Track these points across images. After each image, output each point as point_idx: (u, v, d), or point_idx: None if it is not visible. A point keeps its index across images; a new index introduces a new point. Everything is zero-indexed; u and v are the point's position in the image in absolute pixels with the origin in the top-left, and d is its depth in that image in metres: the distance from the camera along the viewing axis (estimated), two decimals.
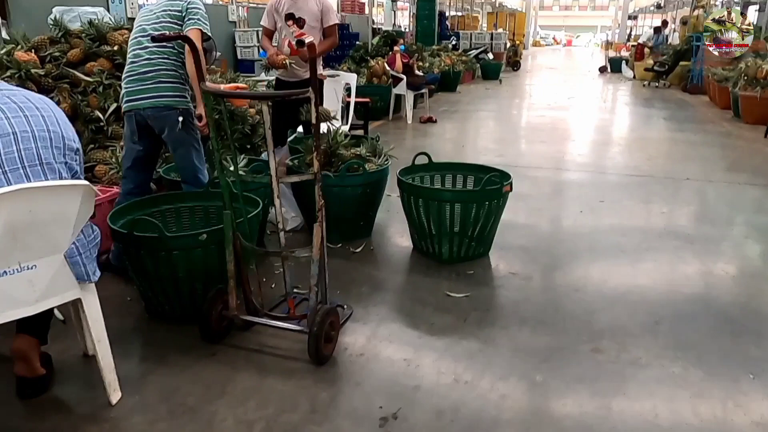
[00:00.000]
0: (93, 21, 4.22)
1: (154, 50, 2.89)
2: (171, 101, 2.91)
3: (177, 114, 2.93)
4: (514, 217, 4.14)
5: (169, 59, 2.92)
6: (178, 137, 2.95)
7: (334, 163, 3.53)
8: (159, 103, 2.87)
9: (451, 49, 15.07)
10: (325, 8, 4.20)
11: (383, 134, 7.44)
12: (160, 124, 2.91)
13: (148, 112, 2.86)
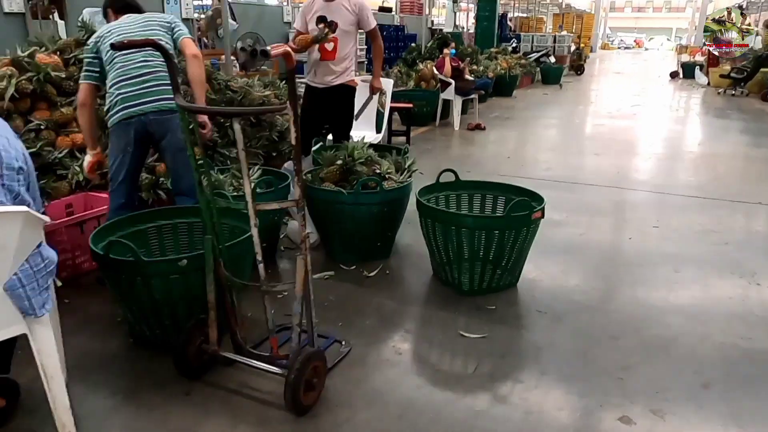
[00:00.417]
0: None
1: (147, 53, 2.75)
2: (174, 104, 2.74)
3: (179, 118, 2.76)
4: (552, 240, 3.74)
5: (163, 63, 2.76)
6: (179, 143, 2.78)
7: (351, 179, 3.26)
8: (164, 106, 2.72)
9: (510, 51, 14.53)
10: (361, 12, 3.95)
11: (426, 141, 7.14)
12: (162, 129, 2.75)
13: (151, 117, 2.70)
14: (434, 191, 3.30)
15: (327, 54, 4.09)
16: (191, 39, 2.89)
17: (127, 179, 2.83)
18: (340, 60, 4.09)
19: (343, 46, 4.04)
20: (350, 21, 3.98)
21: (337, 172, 3.26)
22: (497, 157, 6.47)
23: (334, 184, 3.25)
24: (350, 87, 4.21)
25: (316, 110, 4.25)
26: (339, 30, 4.00)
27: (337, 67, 4.12)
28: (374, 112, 5.19)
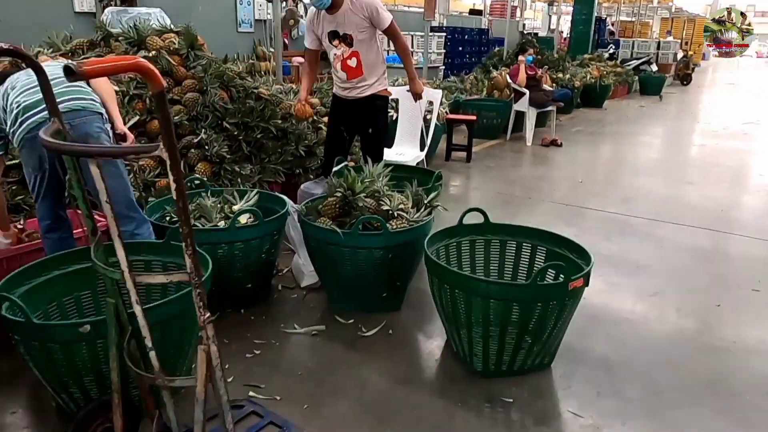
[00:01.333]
0: (136, 23, 3.80)
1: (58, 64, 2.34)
2: (88, 103, 2.36)
3: (100, 120, 2.37)
4: (609, 302, 2.97)
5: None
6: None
7: (353, 214, 2.68)
8: (75, 106, 2.31)
9: (606, 58, 13.30)
10: (370, 11, 3.36)
11: (491, 158, 6.40)
12: (80, 135, 2.29)
13: (67, 118, 2.25)
14: (455, 235, 2.65)
15: (353, 72, 3.54)
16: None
17: (50, 199, 2.42)
18: (369, 72, 3.53)
19: (367, 56, 3.47)
20: (363, 26, 3.40)
21: (336, 205, 2.69)
22: (568, 180, 5.62)
23: (333, 220, 2.68)
24: (383, 97, 3.63)
25: (342, 124, 3.71)
26: (356, 42, 3.44)
27: (368, 80, 3.56)
28: (418, 126, 4.57)
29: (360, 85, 3.59)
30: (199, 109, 3.56)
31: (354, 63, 3.49)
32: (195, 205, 2.86)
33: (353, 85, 3.59)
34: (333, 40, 3.50)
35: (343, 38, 3.43)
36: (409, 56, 3.64)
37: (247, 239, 2.64)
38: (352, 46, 3.45)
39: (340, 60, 3.54)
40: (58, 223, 2.46)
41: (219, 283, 2.68)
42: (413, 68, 3.63)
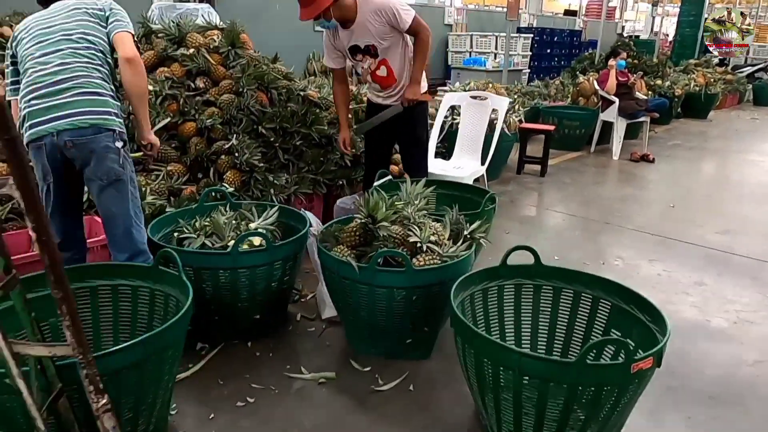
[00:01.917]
0: (179, 19, 3.59)
1: (69, 52, 2.05)
2: (100, 119, 2.04)
3: (110, 138, 2.06)
4: (693, 371, 2.36)
5: (93, 64, 2.08)
6: (110, 172, 2.07)
7: (374, 245, 2.26)
8: (82, 123, 2.01)
9: (714, 64, 11.99)
10: (390, 16, 2.94)
11: (570, 172, 5.75)
12: (83, 154, 2.03)
13: (66, 137, 1.99)
14: (498, 278, 2.17)
15: (386, 81, 3.17)
16: (128, 34, 2.15)
17: (58, 214, 2.17)
18: (404, 79, 3.12)
19: (395, 61, 3.07)
20: (385, 33, 2.98)
21: (356, 233, 2.29)
22: (658, 203, 4.89)
23: (353, 249, 2.29)
24: (420, 103, 3.19)
25: (379, 132, 3.32)
26: (381, 50, 3.02)
27: (400, 86, 3.15)
28: (481, 136, 4.07)
29: (396, 92, 3.19)
30: (234, 112, 3.28)
31: (384, 72, 3.10)
32: (208, 221, 2.57)
33: (389, 94, 3.20)
34: (356, 54, 3.12)
35: (365, 51, 3.06)
36: (424, 55, 3.07)
37: (253, 266, 2.30)
38: (377, 56, 3.06)
39: (369, 73, 3.16)
40: (69, 243, 2.22)
41: (221, 313, 2.38)
42: (420, 72, 3.09)
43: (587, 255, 3.63)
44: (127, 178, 2.12)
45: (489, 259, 3.25)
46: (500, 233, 3.96)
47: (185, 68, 3.40)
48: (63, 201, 2.12)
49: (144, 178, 3.10)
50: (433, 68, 10.48)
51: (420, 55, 3.05)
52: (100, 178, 2.05)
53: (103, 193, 2.08)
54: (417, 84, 3.08)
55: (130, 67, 2.11)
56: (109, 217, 2.12)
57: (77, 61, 2.04)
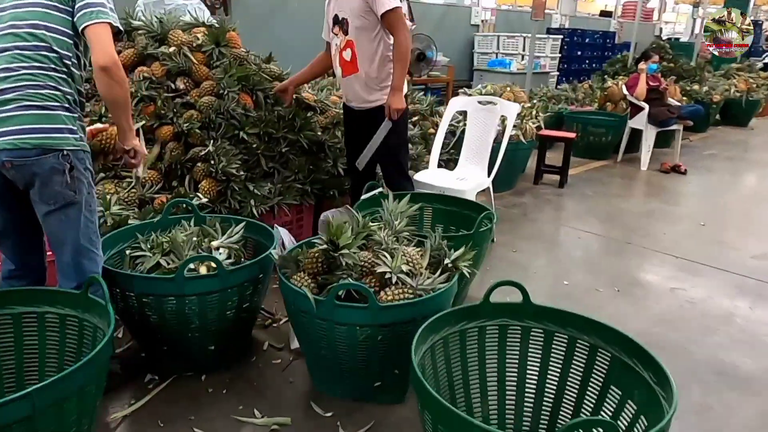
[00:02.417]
0: (162, 16, 3.36)
1: (15, 54, 1.75)
2: (46, 139, 1.76)
3: (57, 160, 1.78)
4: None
5: (43, 69, 1.78)
6: (57, 196, 1.80)
7: (336, 275, 1.97)
8: (23, 143, 1.73)
9: (759, 68, 11.30)
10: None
11: (592, 183, 5.34)
12: (25, 175, 1.77)
13: (3, 157, 1.73)
14: (478, 317, 1.85)
15: (347, 66, 2.88)
16: (104, 26, 1.76)
17: (7, 239, 1.93)
18: (367, 71, 2.82)
19: (362, 47, 2.77)
20: (359, 8, 2.71)
21: (319, 260, 1.99)
22: (687, 220, 4.46)
23: (314, 278, 2.00)
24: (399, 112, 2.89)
25: (357, 140, 3.05)
26: (350, 28, 2.74)
27: (369, 80, 2.86)
28: (488, 143, 3.73)
29: (362, 94, 2.89)
30: (213, 115, 3.03)
31: (349, 56, 2.83)
32: (167, 237, 2.31)
33: (351, 89, 2.91)
34: (334, 26, 2.87)
35: (340, 24, 2.80)
36: (405, 61, 2.79)
37: (202, 293, 2.03)
38: (347, 34, 2.78)
39: (338, 52, 2.91)
40: (24, 270, 1.97)
41: (170, 343, 2.12)
42: (402, 78, 2.80)
43: (602, 280, 3.26)
44: (81, 202, 1.84)
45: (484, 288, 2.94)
46: (506, 252, 3.62)
47: (165, 68, 3.16)
48: (12, 222, 1.87)
49: (114, 185, 2.88)
50: (458, 70, 10.12)
51: (400, 61, 2.77)
52: (46, 202, 1.79)
53: (49, 218, 1.81)
54: (399, 91, 2.79)
55: (105, 76, 1.77)
56: (56, 243, 1.86)
57: (23, 66, 1.73)
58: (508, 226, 4.07)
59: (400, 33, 2.71)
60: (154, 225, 2.50)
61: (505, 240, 3.80)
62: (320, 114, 3.67)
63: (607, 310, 2.91)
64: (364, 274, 1.96)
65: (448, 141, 4.54)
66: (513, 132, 4.58)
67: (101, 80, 1.80)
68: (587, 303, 2.96)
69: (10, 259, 1.97)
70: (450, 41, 10.40)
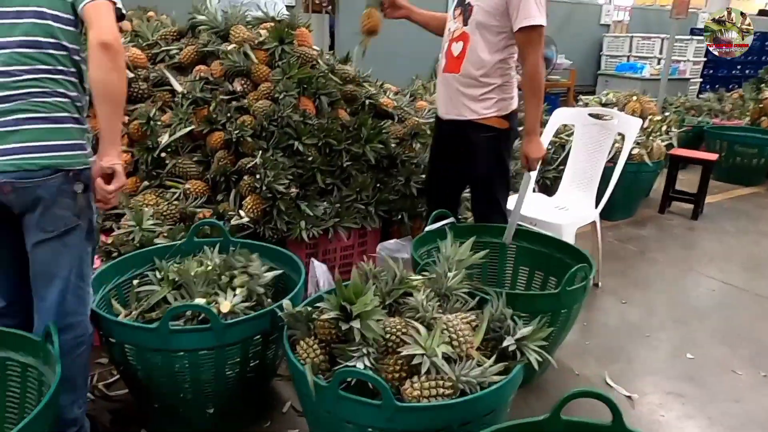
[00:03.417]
0: (227, 11, 3.05)
1: (13, 54, 1.44)
2: (56, 159, 1.46)
3: (66, 181, 1.49)
4: None
5: (50, 71, 1.47)
6: (58, 222, 1.50)
7: (348, 352, 1.46)
8: (29, 164, 1.43)
9: None
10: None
11: (734, 215, 4.37)
12: (26, 200, 1.47)
13: (3, 179, 1.43)
14: None
15: (451, 62, 2.34)
16: (107, 3, 1.46)
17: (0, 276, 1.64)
18: (470, 75, 2.25)
19: (477, 52, 2.19)
20: (495, 7, 2.14)
21: (333, 325, 1.50)
22: None
23: (325, 348, 1.51)
24: (490, 129, 2.29)
25: (442, 159, 2.52)
26: (473, 20, 2.19)
27: (468, 88, 2.28)
28: (598, 166, 3.01)
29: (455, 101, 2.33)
30: (266, 122, 2.66)
31: (458, 51, 2.28)
32: (178, 268, 1.95)
33: (443, 91, 2.37)
34: (457, 8, 2.33)
35: (465, 7, 2.24)
36: (537, 94, 2.20)
37: (193, 349, 1.63)
38: (466, 24, 2.23)
39: (448, 40, 2.36)
40: (16, 307, 1.67)
41: (161, 402, 1.74)
42: (537, 117, 2.23)
43: (741, 356, 2.47)
44: (81, 230, 1.54)
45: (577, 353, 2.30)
46: (612, 302, 2.91)
47: (225, 67, 2.85)
48: (1, 254, 1.59)
49: (155, 196, 2.60)
50: (581, 74, 9.17)
51: (534, 96, 2.19)
52: (43, 229, 1.48)
53: (42, 247, 1.50)
54: (534, 135, 2.25)
55: (105, 54, 1.43)
56: (42, 278, 1.54)
57: (26, 69, 1.44)
58: (620, 266, 3.33)
59: (532, 57, 2.14)
60: (177, 249, 2.16)
61: (612, 285, 3.07)
62: (398, 123, 3.19)
63: (748, 405, 2.15)
64: (389, 350, 1.44)
65: (555, 155, 3.87)
66: (635, 151, 3.80)
67: (98, 60, 1.43)
68: (718, 390, 2.21)
69: (1, 294, 1.68)
70: (574, 42, 9.48)
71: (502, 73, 2.24)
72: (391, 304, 1.59)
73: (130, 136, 2.75)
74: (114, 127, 1.55)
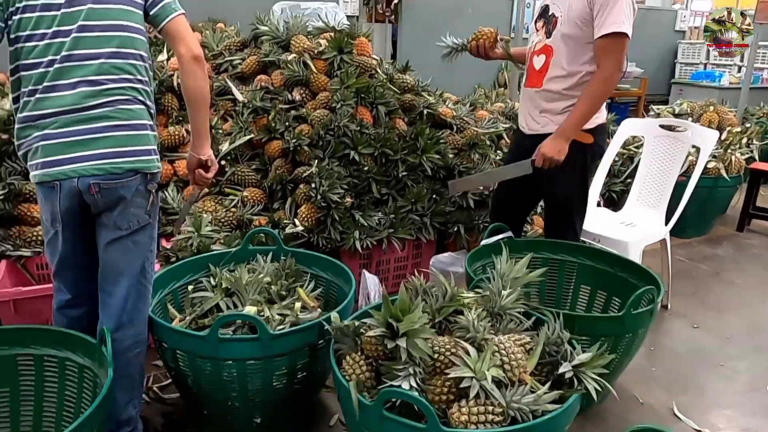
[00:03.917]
0: (289, 21, 3.10)
1: (105, 64, 1.51)
2: (138, 163, 1.56)
3: (146, 181, 1.59)
4: None
5: (132, 81, 1.56)
6: (133, 220, 1.59)
7: (393, 370, 1.41)
8: (115, 167, 1.52)
9: None
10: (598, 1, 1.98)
11: None
12: (110, 200, 1.55)
13: (91, 181, 1.50)
14: None
15: (533, 76, 2.23)
16: (184, 18, 1.60)
17: (69, 266, 1.69)
18: (553, 89, 2.15)
19: (562, 63, 2.10)
20: (581, 15, 2.02)
21: (380, 342, 1.46)
22: None
23: (372, 365, 1.47)
24: (572, 142, 2.17)
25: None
26: (557, 32, 2.09)
27: (550, 102, 2.17)
28: (670, 181, 2.83)
29: (536, 115, 2.23)
30: (322, 132, 2.66)
31: (540, 64, 2.18)
32: (231, 275, 1.97)
33: (525, 104, 2.27)
34: (539, 20, 2.23)
35: (548, 19, 2.15)
36: (594, 101, 2.06)
37: (240, 359, 1.63)
38: (550, 37, 2.13)
39: (530, 53, 2.26)
40: (80, 298, 1.74)
41: (210, 409, 1.76)
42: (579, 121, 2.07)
43: None
44: (151, 229, 1.65)
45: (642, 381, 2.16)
46: (682, 327, 2.73)
47: (285, 77, 2.88)
48: (75, 250, 1.65)
49: (215, 203, 2.66)
50: (653, 83, 8.78)
51: (590, 99, 2.05)
52: (120, 226, 1.57)
53: (115, 245, 1.59)
54: (563, 139, 2.08)
55: (197, 66, 1.59)
56: (111, 275, 1.62)
57: (113, 78, 1.51)
58: (691, 287, 3.12)
59: (609, 64, 2.00)
60: (233, 256, 2.18)
61: (683, 307, 2.88)
62: (457, 133, 3.13)
63: None
64: (436, 371, 1.39)
65: (623, 168, 3.70)
66: (711, 164, 3.57)
67: (192, 72, 1.59)
68: None
69: (67, 288, 1.75)
70: (646, 49, 9.06)
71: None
72: (440, 322, 1.54)
73: None
74: (205, 126, 1.73)
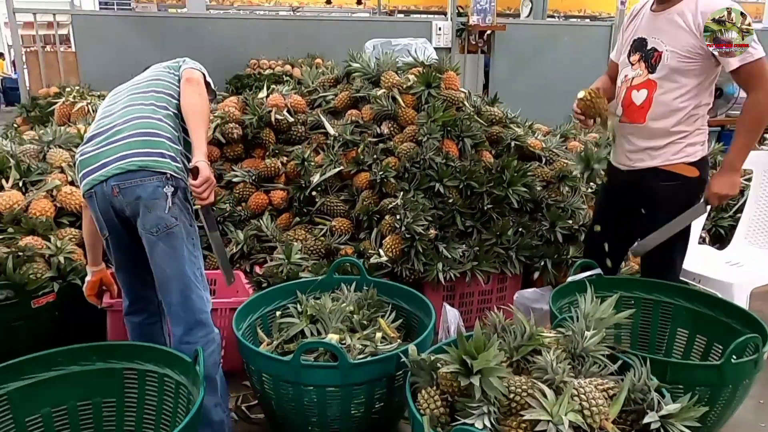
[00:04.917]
0: (379, 57, 3.21)
1: (133, 96, 1.85)
2: (150, 161, 1.72)
3: (160, 182, 1.72)
4: None
5: (156, 105, 1.84)
6: (159, 222, 1.71)
7: (468, 409, 1.40)
8: (130, 165, 1.70)
9: None
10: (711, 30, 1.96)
11: None
12: (131, 201, 1.71)
13: (112, 182, 1.70)
14: None
15: (632, 111, 2.15)
16: (198, 71, 1.95)
17: (123, 272, 1.90)
18: (659, 125, 2.06)
19: (667, 100, 2.02)
20: (687, 47, 1.96)
21: (455, 381, 1.45)
22: None
23: (447, 400, 1.47)
24: (674, 176, 2.08)
25: (614, 209, 2.31)
26: (663, 66, 2.01)
27: (653, 139, 2.08)
28: None
29: (634, 149, 2.14)
30: (408, 164, 2.72)
31: (640, 100, 2.09)
32: (316, 303, 2.06)
33: (622, 139, 2.19)
34: (633, 53, 2.14)
35: (647, 53, 2.07)
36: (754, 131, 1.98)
37: (321, 385, 1.68)
38: (654, 71, 2.05)
39: (626, 87, 2.16)
40: (137, 305, 1.96)
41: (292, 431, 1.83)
42: (744, 153, 1.98)
43: None
44: (181, 232, 1.74)
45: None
46: None
47: (374, 111, 2.99)
48: (125, 257, 1.84)
49: (305, 232, 2.78)
50: None
51: (750, 131, 1.98)
52: (149, 230, 1.71)
53: (155, 250, 1.73)
54: (734, 173, 2.00)
55: (189, 85, 1.87)
56: (163, 281, 1.76)
57: (141, 104, 1.82)
58: None
59: (759, 91, 1.93)
60: (319, 284, 2.27)
61: None
62: (546, 165, 3.08)
63: None
64: (512, 411, 1.36)
65: (732, 201, 3.45)
66: None
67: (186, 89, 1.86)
68: None
69: (126, 294, 1.96)
70: None
71: (697, 118, 2.03)
72: (518, 361, 1.51)
73: (287, 174, 2.97)
74: (198, 136, 1.78)
